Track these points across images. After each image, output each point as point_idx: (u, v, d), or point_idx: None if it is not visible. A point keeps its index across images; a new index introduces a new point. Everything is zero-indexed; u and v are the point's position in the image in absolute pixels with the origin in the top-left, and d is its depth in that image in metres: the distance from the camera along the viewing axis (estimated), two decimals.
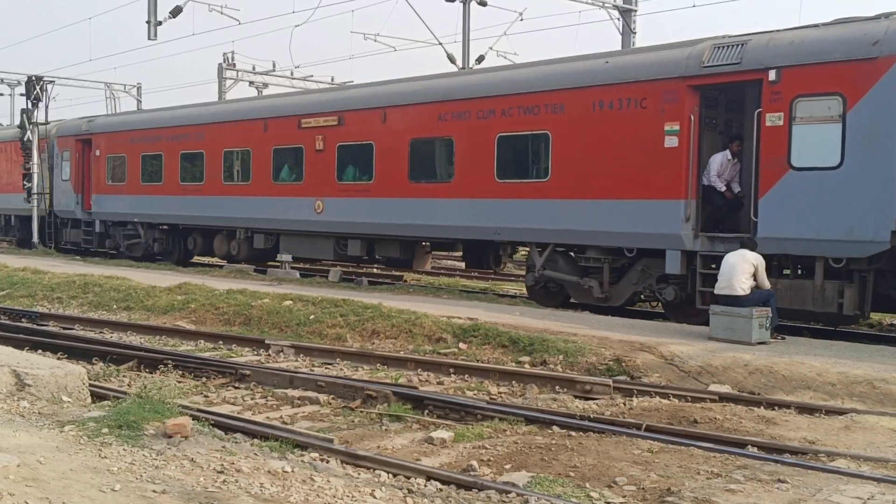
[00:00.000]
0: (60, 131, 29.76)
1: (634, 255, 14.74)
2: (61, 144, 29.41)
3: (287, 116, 21.10)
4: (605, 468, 6.85)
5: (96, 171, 27.45)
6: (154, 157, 25.20)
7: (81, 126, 28.49)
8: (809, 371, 10.10)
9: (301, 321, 13.90)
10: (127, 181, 26.17)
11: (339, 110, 19.78)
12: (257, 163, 21.68)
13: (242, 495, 5.40)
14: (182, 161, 24.14)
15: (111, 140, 27.09)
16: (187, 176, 23.99)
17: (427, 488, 6.21)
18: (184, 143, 24.10)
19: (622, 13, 26.32)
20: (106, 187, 27.07)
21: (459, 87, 17.63)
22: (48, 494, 5.03)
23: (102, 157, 27.20)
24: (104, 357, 11.52)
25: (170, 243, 25.42)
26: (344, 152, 19.54)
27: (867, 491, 6.03)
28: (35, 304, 17.29)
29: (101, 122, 28.32)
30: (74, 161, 28.41)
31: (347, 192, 19.42)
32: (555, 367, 11.17)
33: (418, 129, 17.98)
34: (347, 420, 8.80)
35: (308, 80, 36.03)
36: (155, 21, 27.14)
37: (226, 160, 22.73)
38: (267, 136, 21.46)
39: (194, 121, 24.09)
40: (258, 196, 21.69)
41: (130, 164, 26.00)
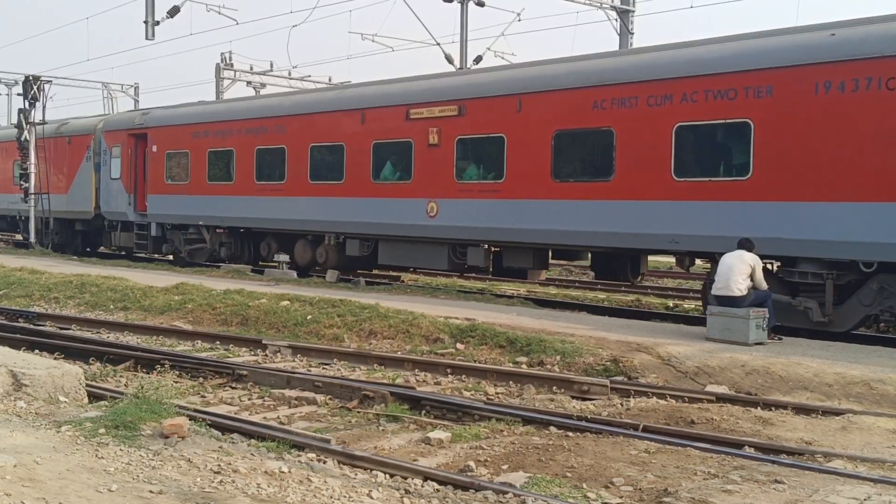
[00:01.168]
0: (109, 125, 27.40)
1: (872, 270, 12.34)
2: (110, 139, 26.88)
3: (391, 106, 18.66)
4: (602, 468, 6.86)
5: (152, 169, 25.09)
6: (223, 153, 22.79)
7: (134, 119, 26.21)
8: (806, 372, 10.11)
9: (298, 321, 13.89)
10: (190, 180, 23.72)
11: (459, 98, 17.29)
12: (353, 159, 19.25)
13: (239, 496, 5.40)
14: (258, 157, 21.70)
15: (170, 134, 24.62)
16: (264, 174, 21.54)
17: (424, 489, 6.21)
18: (260, 137, 21.61)
19: (620, 14, 26.33)
20: (164, 186, 24.62)
21: (623, 68, 15.13)
22: (45, 495, 5.02)
23: (160, 154, 24.81)
24: (101, 357, 11.51)
25: (238, 248, 23.24)
26: (465, 147, 17.20)
27: (864, 492, 6.03)
28: (32, 304, 17.27)
29: (157, 114, 25.79)
30: (126, 158, 26.10)
31: (469, 193, 17.02)
32: (552, 367, 11.17)
33: (565, 118, 15.52)
34: (344, 420, 8.80)
35: (305, 80, 36.03)
36: (153, 21, 27.14)
37: (313, 156, 20.32)
38: (365, 129, 19.03)
39: (273, 112, 21.62)
40: (354, 197, 19.24)
41: (194, 161, 23.60)
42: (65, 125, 29.90)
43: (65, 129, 29.58)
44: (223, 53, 35.61)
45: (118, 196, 26.41)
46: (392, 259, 19.22)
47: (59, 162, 29.44)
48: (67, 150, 29.10)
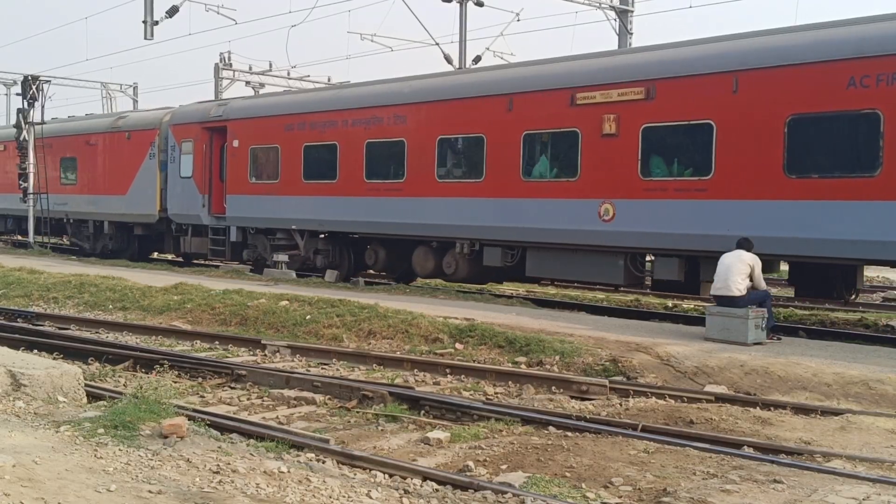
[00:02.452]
0: (177, 118, 24.77)
1: None
2: (179, 134, 24.31)
3: (550, 90, 15.84)
4: (602, 468, 6.86)
5: (233, 167, 22.48)
6: (324, 147, 20.06)
7: (210, 111, 23.56)
8: (805, 372, 10.11)
9: (297, 321, 13.89)
10: (280, 178, 21.09)
11: (647, 79, 14.47)
12: (495, 153, 16.57)
13: (238, 496, 5.40)
14: (369, 152, 19.00)
15: (256, 127, 21.95)
16: (377, 171, 18.90)
17: (423, 489, 6.21)
18: (372, 129, 18.94)
19: (619, 14, 26.32)
20: (247, 186, 22.04)
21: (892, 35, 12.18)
22: (44, 495, 5.02)
23: (242, 149, 22.15)
24: (100, 357, 11.51)
25: (336, 255, 20.74)
26: (654, 137, 14.37)
27: (862, 491, 6.04)
28: (31, 304, 17.26)
29: (240, 105, 23.12)
30: (199, 154, 23.49)
31: (659, 192, 14.20)
32: (551, 367, 11.18)
33: (804, 101, 12.81)
34: (344, 420, 8.80)
35: (304, 80, 36.01)
36: (151, 21, 27.08)
37: (441, 151, 17.68)
38: (513, 118, 16.31)
39: (390, 101, 18.84)
40: (496, 197, 16.58)
41: (286, 157, 20.93)
42: (123, 118, 27.35)
43: (123, 124, 26.96)
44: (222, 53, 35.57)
45: (189, 197, 23.79)
46: (545, 270, 16.69)
47: (115, 160, 26.80)
48: (126, 146, 26.44)
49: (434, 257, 18.33)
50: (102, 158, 27.44)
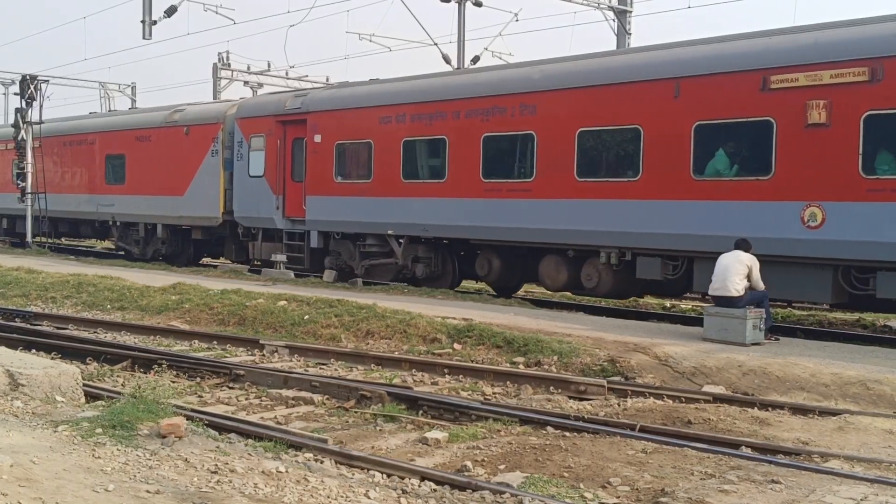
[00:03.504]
0: (246, 111, 22.47)
1: None
2: (248, 128, 22.02)
3: (732, 73, 13.56)
4: (600, 469, 6.86)
5: (314, 164, 20.16)
6: (428, 142, 17.95)
7: (285, 102, 21.27)
8: (803, 372, 10.12)
9: (295, 321, 13.89)
10: (373, 177, 18.82)
11: (872, 57, 12.16)
12: (656, 147, 14.25)
13: (236, 495, 5.40)
14: (487, 148, 16.75)
15: (344, 120, 19.68)
16: (497, 170, 16.69)
17: (421, 489, 6.21)
18: (491, 121, 16.64)
19: (617, 14, 26.34)
20: (332, 186, 19.75)
21: None
22: (41, 494, 5.02)
23: (326, 145, 19.88)
24: (98, 357, 11.50)
25: (439, 264, 18.46)
26: (883, 127, 12.14)
27: (860, 492, 6.05)
28: (29, 304, 17.25)
29: (323, 95, 20.80)
30: (272, 151, 21.23)
31: (893, 194, 12.00)
32: (549, 367, 11.18)
33: None
34: (342, 420, 8.80)
35: (303, 79, 36.01)
36: (150, 20, 27.07)
37: (582, 146, 15.32)
38: (680, 106, 14.02)
39: (515, 88, 16.53)
40: (657, 199, 14.25)
41: (381, 154, 18.66)
42: (179, 112, 24.85)
43: (181, 117, 24.53)
44: (220, 53, 35.60)
45: (260, 198, 21.52)
46: None
47: (171, 157, 24.43)
48: (184, 142, 24.05)
49: (568, 268, 15.94)
50: (155, 155, 25.03)
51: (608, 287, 15.50)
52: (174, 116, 24.66)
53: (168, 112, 25.15)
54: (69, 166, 28.98)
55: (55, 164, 29.54)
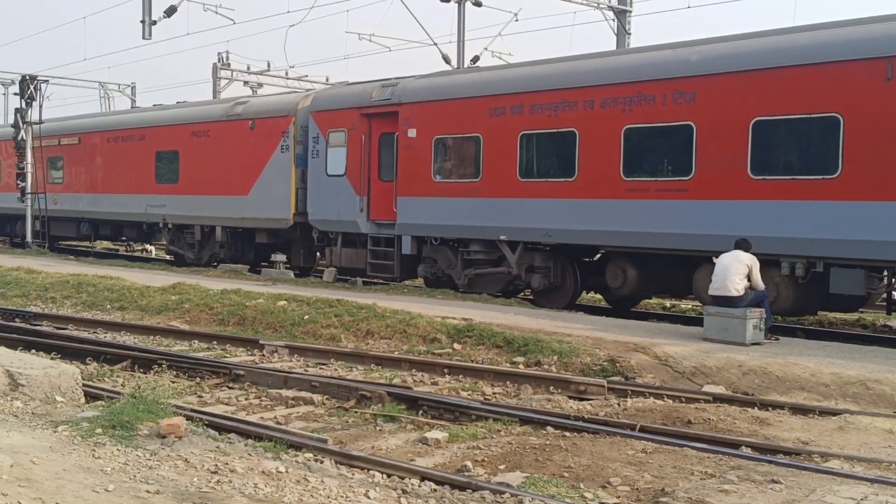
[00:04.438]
0: (323, 102, 20.48)
1: None
2: (325, 122, 20.04)
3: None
4: (600, 469, 6.86)
5: (407, 162, 18.21)
6: (553, 136, 15.81)
7: (371, 93, 19.21)
8: (803, 372, 10.12)
9: (295, 321, 13.88)
10: (482, 176, 16.86)
11: None
12: (861, 139, 12.32)
13: (236, 496, 5.40)
14: (628, 142, 14.70)
15: (445, 112, 17.66)
16: (644, 166, 14.70)
17: (421, 489, 6.21)
18: (636, 110, 14.59)
19: (617, 14, 26.35)
20: (430, 186, 17.79)
21: None
22: (41, 495, 5.01)
23: (423, 140, 17.90)
24: (98, 357, 11.50)
25: (558, 275, 16.32)
26: None
27: (860, 492, 6.04)
28: (28, 304, 17.24)
29: (419, 85, 18.49)
30: (355, 146, 19.22)
31: None
32: (549, 367, 11.18)
33: None
34: (342, 420, 8.79)
35: (303, 79, 36.02)
36: (149, 20, 27.07)
37: (758, 138, 13.29)
38: (894, 90, 12.02)
39: (668, 72, 14.36)
40: (862, 200, 12.29)
41: (492, 150, 16.65)
42: (243, 104, 22.99)
43: (245, 110, 22.52)
44: (220, 53, 35.67)
45: (340, 199, 19.46)
46: None
47: (232, 154, 22.44)
48: (249, 137, 22.04)
49: None
50: (214, 152, 22.90)
51: (789, 302, 13.40)
52: (236, 109, 22.65)
53: (229, 104, 23.27)
54: (112, 164, 26.77)
55: (95, 162, 27.51)
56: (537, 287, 16.41)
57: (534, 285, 16.48)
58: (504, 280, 17.08)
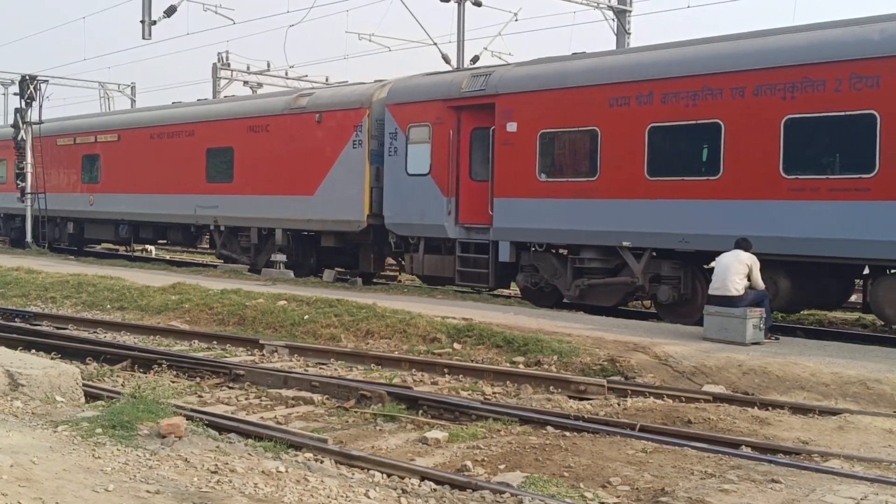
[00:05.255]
0: (402, 94, 18.70)
1: None
2: (405, 115, 18.36)
3: None
4: (600, 468, 6.86)
5: (506, 159, 16.37)
6: (691, 129, 14.02)
7: (460, 83, 17.45)
8: (803, 371, 10.12)
9: (295, 321, 13.89)
10: (600, 174, 15.01)
11: None
12: None
13: (236, 495, 5.40)
14: (790, 135, 12.96)
15: (552, 102, 15.80)
16: (809, 163, 12.97)
17: (421, 488, 6.21)
18: (800, 98, 12.81)
19: (617, 14, 26.35)
20: (533, 186, 16.01)
21: None
22: (41, 494, 5.01)
23: (525, 134, 16.04)
24: (98, 357, 11.50)
25: (688, 286, 14.58)
26: None
27: (860, 491, 6.04)
28: (28, 304, 17.25)
29: (518, 74, 16.68)
30: (441, 142, 17.56)
31: None
32: (549, 367, 11.18)
33: None
34: (342, 420, 8.79)
35: (303, 79, 36.03)
36: (149, 20, 27.09)
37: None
38: None
39: (838, 54, 12.61)
40: None
41: (612, 144, 14.85)
42: (307, 96, 21.34)
43: (311, 103, 20.79)
44: (220, 53, 35.72)
45: (423, 200, 17.78)
46: None
47: (296, 149, 20.73)
48: (316, 132, 20.34)
49: None
50: (274, 148, 21.21)
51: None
52: (300, 102, 20.95)
53: (291, 97, 21.62)
54: (157, 163, 24.97)
55: (137, 160, 25.75)
56: (664, 300, 14.59)
57: (661, 298, 14.66)
58: (623, 291, 15.26)
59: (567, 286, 15.83)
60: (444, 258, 17.82)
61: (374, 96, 19.34)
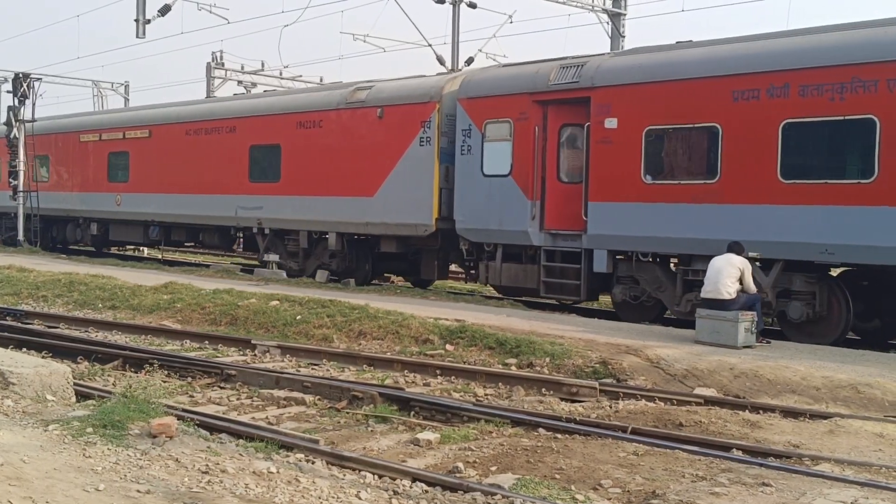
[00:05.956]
0: (475, 87, 17.09)
1: None
2: (481, 110, 16.77)
3: None
4: (591, 470, 6.87)
5: (603, 158, 14.81)
6: (837, 125, 12.56)
7: (548, 75, 15.75)
8: (794, 375, 10.15)
9: (287, 321, 13.87)
10: (721, 176, 13.52)
11: None
12: None
13: (227, 496, 5.39)
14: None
15: (660, 96, 14.25)
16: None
17: (413, 490, 6.21)
18: None
19: (611, 17, 26.40)
20: (639, 188, 14.39)
21: None
22: (32, 493, 5.00)
23: (628, 132, 14.53)
24: (89, 356, 11.47)
25: (824, 303, 13.08)
26: None
27: (850, 495, 6.06)
28: (20, 303, 17.19)
29: (619, 64, 15.22)
30: (524, 140, 16.00)
31: None
32: (541, 369, 11.19)
33: None
34: (333, 421, 8.79)
35: (297, 79, 36.00)
36: (143, 19, 27.03)
37: None
38: None
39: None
40: None
41: (735, 142, 13.33)
42: (365, 89, 19.47)
43: (370, 97, 19.17)
44: (214, 52, 35.66)
45: (503, 203, 16.22)
46: None
47: (353, 147, 19.22)
48: (376, 128, 18.82)
49: None
50: (327, 145, 19.75)
51: None
52: (358, 95, 19.41)
53: (348, 90, 19.90)
54: (193, 160, 23.40)
55: (170, 157, 24.24)
56: (797, 318, 13.02)
57: (792, 315, 13.07)
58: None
59: (675, 300, 14.25)
60: (525, 267, 16.19)
61: (444, 89, 17.81)
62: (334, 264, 19.90)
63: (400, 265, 20.21)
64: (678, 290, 14.15)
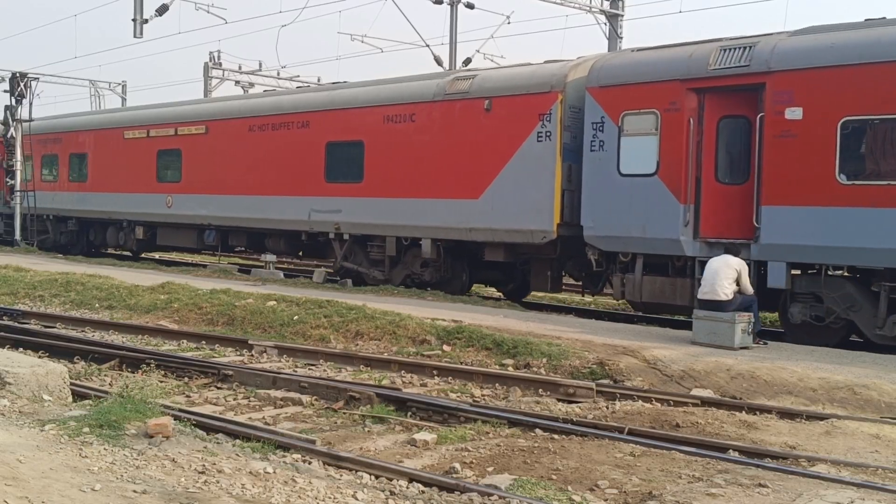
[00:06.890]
0: (609, 74, 14.98)
1: None
2: (617, 100, 14.70)
3: None
4: (588, 471, 6.87)
5: (782, 155, 12.69)
6: None
7: (706, 60, 13.65)
8: (791, 376, 10.16)
9: (285, 322, 13.86)
10: None
11: None
12: None
13: (224, 496, 5.38)
14: None
15: (861, 82, 12.10)
16: None
17: (409, 490, 6.21)
18: None
19: (609, 18, 26.41)
20: (832, 190, 12.30)
21: None
22: (28, 493, 4.99)
23: (816, 123, 12.45)
24: (86, 356, 11.45)
25: None
26: None
27: (847, 496, 6.07)
28: (16, 302, 17.16)
29: (806, 44, 12.89)
30: (675, 134, 13.89)
31: None
32: (538, 369, 11.19)
33: None
34: (330, 421, 8.78)
35: (294, 80, 36.01)
36: (141, 19, 27.01)
37: None
38: None
39: None
40: None
41: None
42: (467, 79, 17.50)
43: (475, 86, 17.17)
44: (212, 52, 35.70)
45: (646, 207, 14.12)
46: None
47: (453, 143, 17.28)
48: (482, 121, 16.85)
49: None
50: (422, 141, 17.79)
51: None
52: (460, 86, 17.36)
53: (447, 79, 17.91)
54: (257, 159, 21.40)
55: (229, 155, 22.16)
56: None
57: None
58: None
59: (877, 322, 12.23)
60: (673, 281, 14.01)
61: (566, 77, 15.69)
62: (427, 274, 18.10)
63: (499, 275, 18.45)
64: (881, 311, 12.18)
